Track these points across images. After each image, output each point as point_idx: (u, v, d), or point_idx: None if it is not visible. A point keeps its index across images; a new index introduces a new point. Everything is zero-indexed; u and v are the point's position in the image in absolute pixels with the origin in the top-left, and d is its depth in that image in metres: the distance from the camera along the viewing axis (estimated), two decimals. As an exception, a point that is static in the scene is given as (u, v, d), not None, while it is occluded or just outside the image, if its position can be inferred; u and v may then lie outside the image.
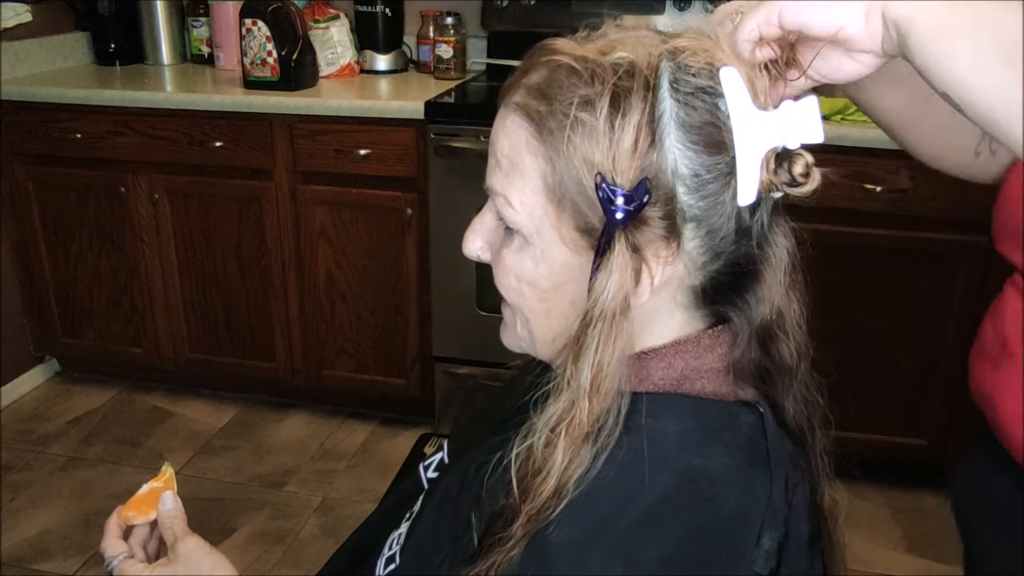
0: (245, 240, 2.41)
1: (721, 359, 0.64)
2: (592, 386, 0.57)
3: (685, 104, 0.57)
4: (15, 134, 2.45)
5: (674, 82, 0.57)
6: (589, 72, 0.57)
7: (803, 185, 0.57)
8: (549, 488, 0.57)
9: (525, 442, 0.59)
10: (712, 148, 0.57)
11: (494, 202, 0.64)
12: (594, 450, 0.58)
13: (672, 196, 0.58)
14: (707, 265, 0.61)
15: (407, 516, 0.78)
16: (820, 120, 0.57)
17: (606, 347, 0.57)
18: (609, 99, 0.56)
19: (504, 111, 0.62)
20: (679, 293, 0.63)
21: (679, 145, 0.57)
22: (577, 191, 0.58)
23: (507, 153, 0.61)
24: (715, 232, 0.60)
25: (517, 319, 0.67)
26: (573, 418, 0.58)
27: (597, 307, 0.58)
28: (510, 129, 0.61)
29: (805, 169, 0.57)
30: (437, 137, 2.12)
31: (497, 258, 0.66)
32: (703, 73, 0.57)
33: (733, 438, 0.61)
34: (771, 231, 0.63)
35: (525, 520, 0.57)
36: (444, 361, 2.37)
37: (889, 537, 2.08)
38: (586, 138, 0.57)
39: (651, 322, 0.64)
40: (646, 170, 0.57)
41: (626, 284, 0.58)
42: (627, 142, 0.56)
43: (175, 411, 2.63)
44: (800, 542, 0.62)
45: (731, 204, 0.59)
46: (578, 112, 0.57)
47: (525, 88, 0.61)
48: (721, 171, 0.58)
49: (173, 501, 0.82)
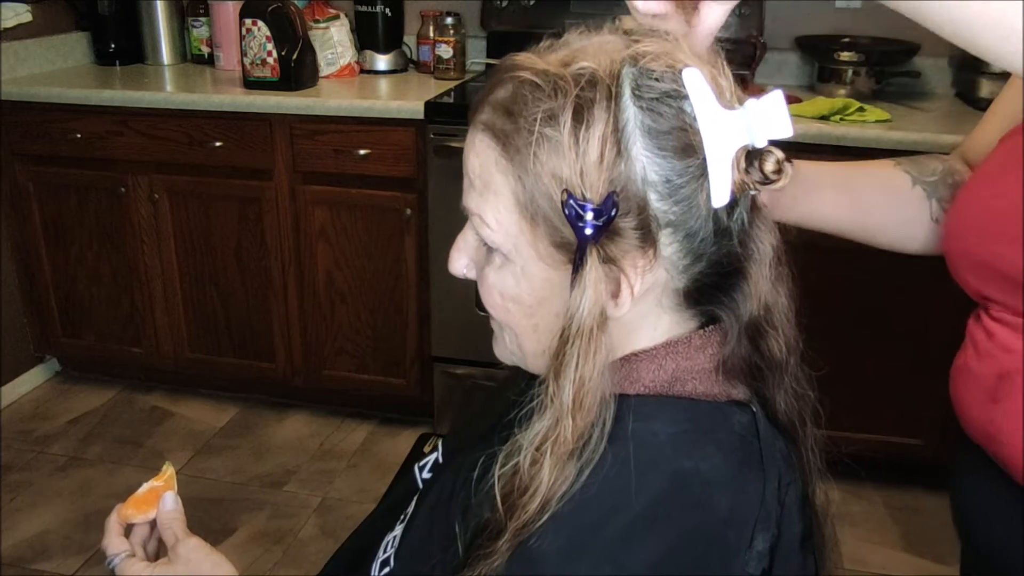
0: (245, 240, 2.42)
1: (712, 359, 0.64)
2: (575, 403, 0.57)
3: (650, 111, 0.56)
4: (15, 134, 2.45)
5: (636, 89, 0.56)
6: (551, 85, 0.57)
7: (776, 181, 0.56)
8: (535, 506, 0.57)
9: (510, 460, 0.59)
10: (681, 152, 0.57)
11: (472, 222, 0.64)
12: (579, 465, 0.57)
13: (644, 205, 0.57)
14: (689, 268, 0.61)
15: (401, 518, 0.78)
16: (787, 114, 0.56)
17: (586, 363, 0.57)
18: (572, 112, 0.56)
19: (472, 130, 0.62)
20: (664, 297, 0.63)
21: (647, 153, 0.56)
22: (549, 207, 0.58)
23: (479, 173, 0.62)
24: (693, 235, 0.59)
25: (505, 334, 0.67)
26: (558, 436, 0.57)
27: (574, 324, 0.57)
28: (479, 149, 0.61)
29: (776, 166, 0.56)
30: (437, 137, 2.12)
31: (481, 276, 0.66)
32: (666, 76, 0.57)
33: (726, 439, 0.61)
34: (753, 227, 0.62)
35: (511, 535, 0.57)
36: (443, 361, 2.37)
37: (886, 536, 2.08)
38: (552, 153, 0.57)
39: (637, 328, 0.64)
40: (615, 182, 0.56)
41: (601, 298, 0.57)
42: (593, 155, 0.56)
43: (175, 411, 2.63)
44: (792, 542, 0.62)
45: (706, 206, 0.58)
46: (542, 128, 0.57)
47: (491, 106, 0.60)
48: (693, 174, 0.57)
49: (174, 501, 0.83)
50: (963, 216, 0.80)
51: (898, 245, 0.91)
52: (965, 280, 0.80)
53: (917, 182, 0.88)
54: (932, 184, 0.89)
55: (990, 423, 0.78)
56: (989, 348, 0.78)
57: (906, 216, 0.88)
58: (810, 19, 2.42)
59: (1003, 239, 0.74)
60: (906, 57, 2.28)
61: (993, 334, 0.78)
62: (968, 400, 0.81)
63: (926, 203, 0.88)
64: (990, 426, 0.78)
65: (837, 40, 2.34)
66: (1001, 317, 0.77)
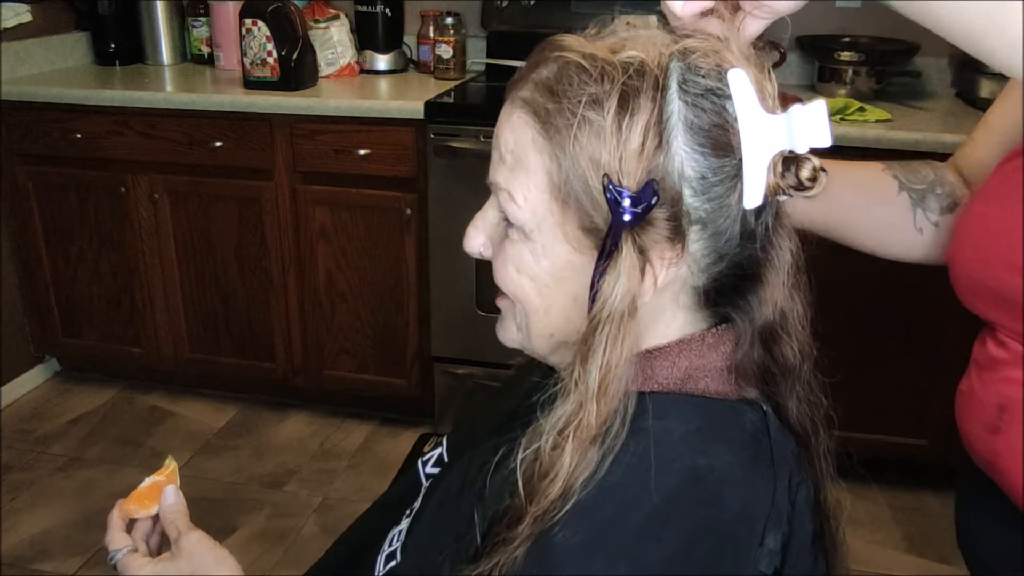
0: (245, 240, 2.41)
1: (724, 358, 0.64)
2: (600, 388, 0.57)
3: (693, 106, 0.57)
4: (15, 134, 2.45)
5: (683, 83, 0.57)
6: (599, 70, 0.57)
7: (810, 189, 0.57)
8: (556, 490, 0.57)
9: (532, 444, 0.59)
10: (719, 150, 0.57)
11: (497, 197, 0.63)
12: (601, 452, 0.58)
13: (678, 198, 0.57)
14: (711, 267, 0.61)
15: (407, 513, 0.78)
16: (828, 124, 0.56)
17: (614, 349, 0.57)
18: (618, 98, 0.56)
19: (510, 106, 0.62)
20: (682, 294, 0.63)
21: (686, 147, 0.57)
22: (582, 191, 0.58)
23: (511, 148, 0.61)
24: (720, 234, 0.59)
25: (515, 312, 0.67)
26: (581, 420, 0.57)
27: (605, 309, 0.57)
28: (516, 124, 0.61)
29: (812, 173, 0.56)
30: (437, 137, 2.12)
31: (498, 250, 0.65)
32: (712, 74, 0.57)
33: (737, 437, 0.61)
34: (775, 233, 0.62)
35: (531, 521, 0.57)
36: (443, 361, 2.37)
37: (890, 537, 2.08)
38: (593, 137, 0.57)
39: (653, 322, 0.64)
40: (653, 172, 0.56)
41: (634, 285, 0.57)
42: (634, 143, 0.56)
43: (175, 411, 2.63)
44: (804, 541, 0.62)
45: (737, 207, 0.58)
46: (586, 111, 0.57)
47: (533, 83, 0.60)
48: (728, 174, 0.57)
49: (175, 496, 0.82)
50: (967, 241, 0.79)
51: (879, 250, 0.90)
52: (974, 304, 0.79)
53: (904, 188, 0.87)
54: (919, 192, 0.87)
55: (991, 452, 0.77)
56: (992, 376, 0.78)
57: (887, 221, 0.87)
58: (810, 19, 2.42)
59: (1008, 265, 0.73)
60: (906, 57, 2.27)
61: (996, 361, 0.77)
62: (970, 426, 0.80)
63: (910, 211, 0.86)
64: (991, 454, 0.77)
65: (837, 40, 2.34)
66: (1006, 342, 0.76)
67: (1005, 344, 0.76)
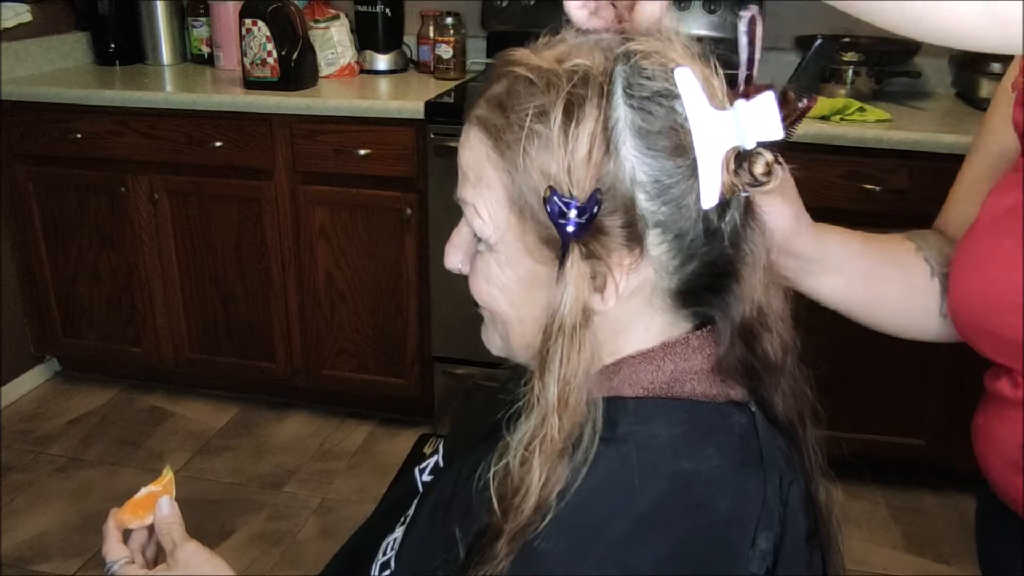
0: (245, 240, 2.41)
1: (709, 360, 0.64)
2: (560, 401, 0.57)
3: (641, 109, 0.56)
4: (15, 134, 2.45)
5: (628, 87, 0.56)
6: (544, 81, 0.57)
7: (765, 184, 0.56)
8: (529, 506, 0.56)
9: (501, 461, 0.59)
10: (672, 152, 0.56)
11: (465, 212, 0.64)
12: (572, 464, 0.57)
13: (631, 204, 0.57)
14: (680, 268, 0.61)
15: (402, 520, 0.78)
16: (778, 116, 0.55)
17: (570, 360, 0.57)
18: (563, 108, 0.56)
19: (467, 125, 0.63)
20: (654, 297, 0.62)
21: (636, 152, 0.56)
22: (537, 203, 0.58)
23: (472, 166, 0.62)
24: (683, 236, 0.59)
25: (495, 323, 0.67)
26: (545, 435, 0.57)
27: (555, 320, 0.57)
28: (472, 143, 0.62)
29: (766, 168, 0.55)
30: (437, 137, 2.12)
31: (472, 265, 0.66)
32: (658, 75, 0.56)
33: (725, 439, 0.61)
34: (746, 229, 0.61)
35: (509, 539, 0.57)
36: (443, 361, 2.37)
37: (887, 536, 2.08)
38: (542, 149, 0.57)
39: (628, 329, 0.64)
40: (602, 180, 0.56)
41: (583, 295, 0.57)
42: (581, 152, 0.55)
43: (175, 411, 2.63)
44: (797, 540, 0.62)
45: (696, 207, 0.57)
46: (533, 124, 0.56)
47: (486, 101, 0.61)
48: (683, 175, 0.57)
49: (170, 506, 0.82)
50: (965, 285, 0.76)
51: (903, 333, 0.87)
52: (980, 348, 0.77)
53: (935, 274, 0.84)
54: (947, 276, 0.83)
55: (1014, 488, 0.76)
56: (1010, 415, 0.76)
57: (918, 307, 0.84)
58: (810, 19, 2.42)
59: (1008, 308, 0.70)
60: (906, 57, 2.27)
61: (1013, 401, 0.75)
62: (991, 462, 0.79)
63: (940, 298, 0.83)
64: (1014, 491, 0.76)
65: (837, 40, 2.34)
66: (1020, 383, 0.74)
67: (1019, 384, 0.74)
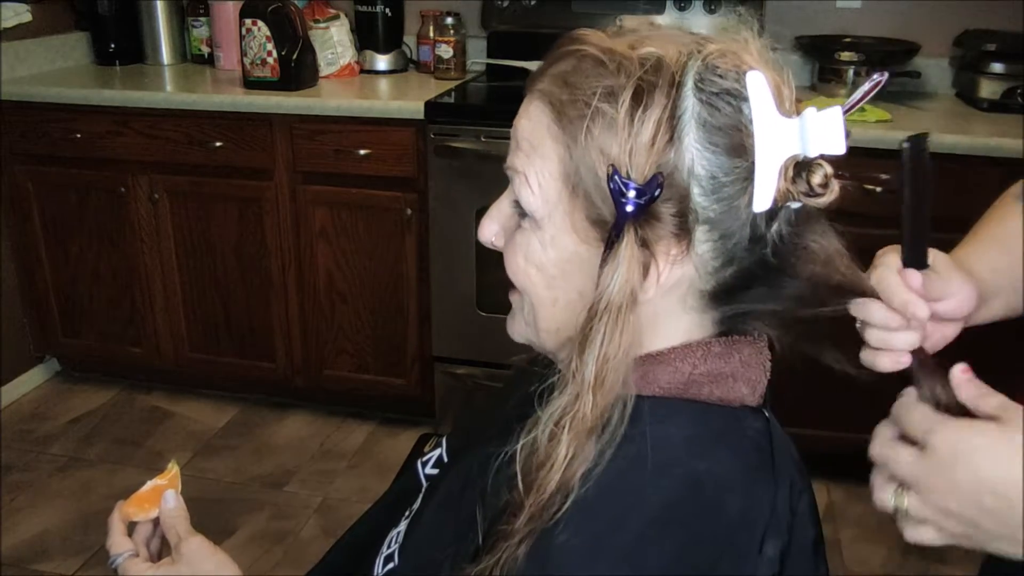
0: (245, 240, 2.41)
1: (731, 366, 0.64)
2: (596, 380, 0.57)
3: (709, 104, 0.57)
4: (15, 134, 2.45)
5: (699, 81, 0.57)
6: (615, 64, 0.58)
7: (820, 196, 0.56)
8: (553, 482, 0.57)
9: (530, 435, 0.59)
10: (732, 151, 0.57)
11: (513, 182, 0.64)
12: (599, 446, 0.58)
13: (686, 195, 0.58)
14: (719, 271, 0.61)
15: (406, 514, 0.77)
16: (843, 132, 0.56)
17: (612, 340, 0.57)
18: (632, 92, 0.56)
19: (529, 98, 0.63)
20: (689, 296, 0.63)
21: (698, 145, 0.57)
22: (592, 182, 0.58)
23: (527, 136, 0.62)
24: (728, 237, 0.59)
25: (524, 305, 0.67)
26: (577, 412, 0.57)
27: (603, 299, 0.57)
28: (532, 114, 0.62)
29: (823, 180, 0.56)
30: (437, 137, 2.12)
31: (509, 240, 0.66)
32: (730, 75, 0.57)
33: (738, 443, 0.61)
34: (795, 245, 0.61)
35: (529, 515, 0.57)
36: (444, 361, 2.37)
37: (886, 537, 2.08)
38: (605, 129, 0.57)
39: (658, 324, 0.64)
40: (662, 166, 0.56)
41: (633, 278, 0.57)
42: (645, 136, 0.56)
43: (175, 411, 2.63)
44: (805, 549, 0.62)
45: (746, 210, 0.58)
46: (599, 103, 0.57)
47: (550, 76, 0.61)
48: (739, 175, 0.57)
49: (175, 500, 0.82)
50: None
51: None
52: None
53: None
54: None
55: None
56: None
57: None
58: (810, 19, 2.42)
59: None
60: (906, 57, 2.27)
61: None
62: None
63: None
64: None
65: (838, 40, 2.34)
66: None
67: None
